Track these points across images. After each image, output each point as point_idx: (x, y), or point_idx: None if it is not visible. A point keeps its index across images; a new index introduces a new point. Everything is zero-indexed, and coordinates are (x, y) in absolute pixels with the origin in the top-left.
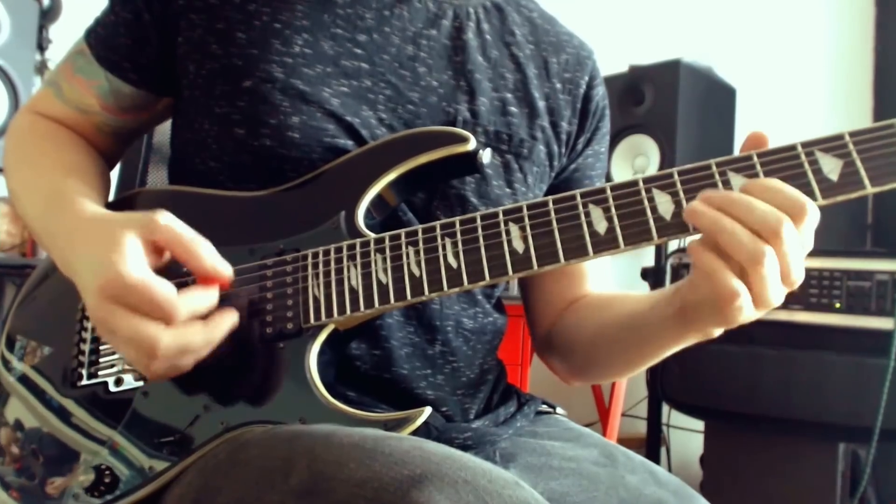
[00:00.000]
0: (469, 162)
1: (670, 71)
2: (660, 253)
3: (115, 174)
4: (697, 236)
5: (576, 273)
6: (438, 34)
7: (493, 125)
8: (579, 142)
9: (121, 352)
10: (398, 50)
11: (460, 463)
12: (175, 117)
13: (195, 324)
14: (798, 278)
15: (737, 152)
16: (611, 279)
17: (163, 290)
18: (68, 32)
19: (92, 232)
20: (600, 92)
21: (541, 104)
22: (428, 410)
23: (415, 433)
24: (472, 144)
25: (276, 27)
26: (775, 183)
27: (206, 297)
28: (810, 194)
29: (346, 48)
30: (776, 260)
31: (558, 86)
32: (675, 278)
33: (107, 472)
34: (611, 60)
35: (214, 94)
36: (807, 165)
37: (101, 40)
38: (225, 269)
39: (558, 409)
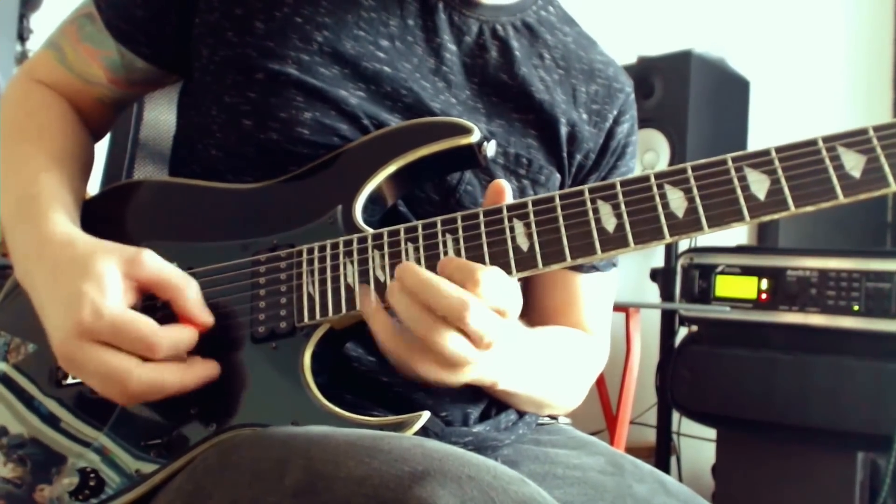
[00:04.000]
0: (472, 155)
1: (681, 62)
2: (670, 253)
3: (100, 169)
4: (711, 234)
5: (576, 304)
6: (459, 51)
7: (513, 147)
8: (590, 178)
9: (88, 383)
10: (420, 60)
11: (463, 459)
12: (182, 96)
13: (172, 364)
14: (491, 340)
15: (750, 147)
16: (620, 282)
17: (146, 324)
18: (50, 22)
19: (64, 256)
20: (625, 128)
21: (563, 130)
22: (426, 415)
23: None
24: (475, 136)
25: (296, 21)
26: (452, 261)
27: (188, 334)
28: (831, 191)
29: (369, 51)
30: (459, 337)
31: (584, 116)
32: (684, 279)
33: (92, 475)
34: (619, 51)
35: (225, 83)
36: (828, 161)
37: (113, 7)
38: (209, 317)
39: (562, 418)
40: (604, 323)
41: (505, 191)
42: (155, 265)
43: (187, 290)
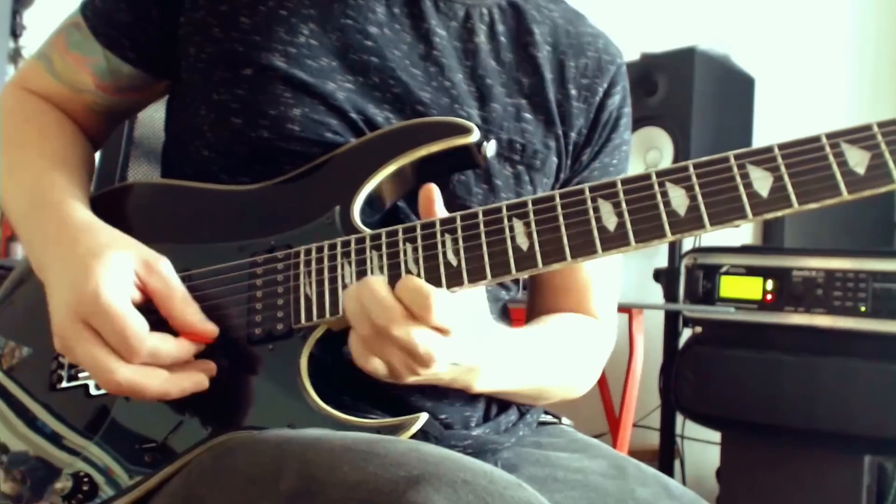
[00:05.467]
0: (472, 155)
1: (685, 59)
2: (673, 253)
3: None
4: (713, 232)
5: (582, 289)
6: (449, 35)
7: (506, 133)
8: (584, 154)
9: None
10: (410, 47)
11: (459, 464)
12: (171, 100)
13: (158, 371)
14: (427, 358)
15: (755, 145)
16: (622, 282)
17: (134, 325)
18: (43, 19)
19: (83, 240)
20: (617, 100)
21: (556, 111)
22: (424, 417)
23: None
24: (475, 136)
25: (281, 14)
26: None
27: (175, 348)
28: (835, 188)
29: (356, 40)
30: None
31: (573, 92)
32: (688, 279)
33: (85, 480)
34: (622, 48)
35: (213, 81)
36: (831, 157)
37: (99, 14)
38: (210, 329)
39: (564, 420)
40: (609, 305)
41: (435, 197)
42: (166, 276)
43: (189, 308)
